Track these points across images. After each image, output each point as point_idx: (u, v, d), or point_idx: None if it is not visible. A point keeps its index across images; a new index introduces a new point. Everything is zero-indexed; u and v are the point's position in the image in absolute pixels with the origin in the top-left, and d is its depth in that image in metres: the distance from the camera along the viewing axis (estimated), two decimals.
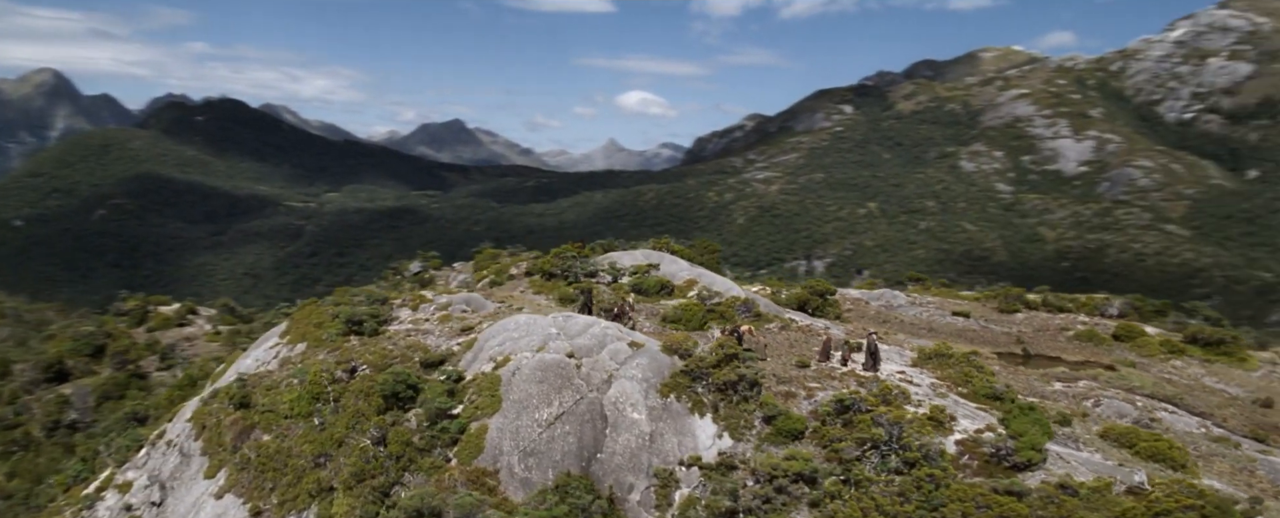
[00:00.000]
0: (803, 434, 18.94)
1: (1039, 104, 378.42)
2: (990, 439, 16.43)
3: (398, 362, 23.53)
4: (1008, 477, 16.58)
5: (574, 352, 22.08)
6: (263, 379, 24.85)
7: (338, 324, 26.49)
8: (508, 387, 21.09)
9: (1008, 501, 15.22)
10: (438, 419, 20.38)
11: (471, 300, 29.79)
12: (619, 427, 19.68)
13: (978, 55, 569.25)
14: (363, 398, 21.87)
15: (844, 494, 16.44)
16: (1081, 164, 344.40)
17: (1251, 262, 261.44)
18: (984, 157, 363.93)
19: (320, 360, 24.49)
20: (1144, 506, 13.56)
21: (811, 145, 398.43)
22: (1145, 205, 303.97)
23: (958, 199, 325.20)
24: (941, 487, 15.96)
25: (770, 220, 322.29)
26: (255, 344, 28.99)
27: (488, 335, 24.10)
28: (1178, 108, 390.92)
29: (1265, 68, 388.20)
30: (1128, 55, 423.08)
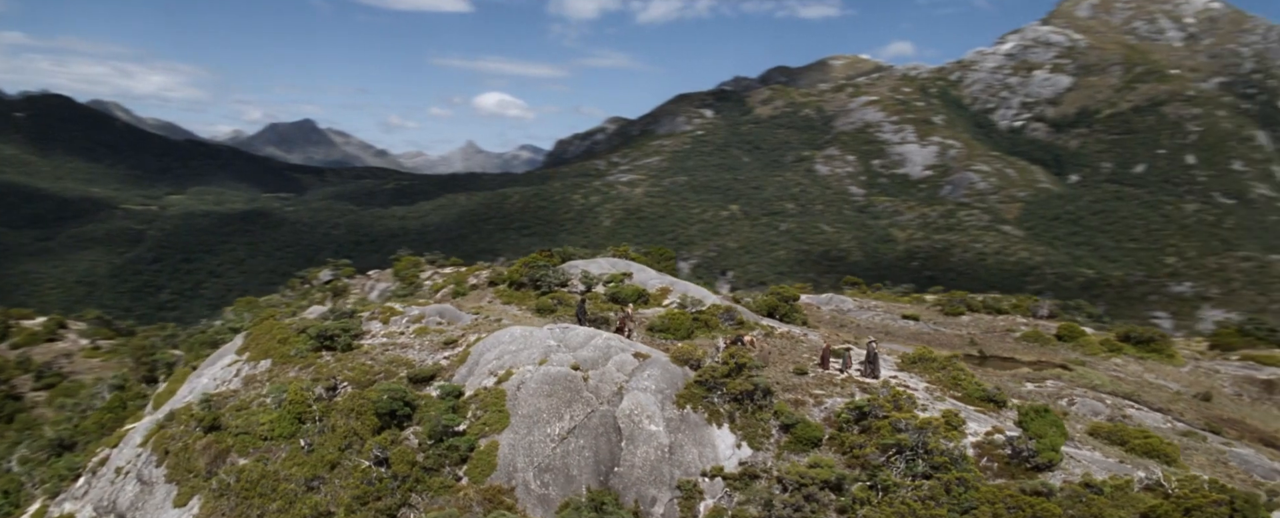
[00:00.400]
0: (820, 442, 19.51)
1: (887, 111, 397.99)
2: (1006, 441, 17.60)
3: (382, 378, 23.12)
4: (1029, 477, 17.45)
5: (579, 364, 21.99)
6: (228, 400, 23.85)
7: (306, 340, 25.77)
8: (514, 402, 20.83)
9: (1037, 501, 15.96)
10: (443, 437, 20.12)
11: (445, 312, 29.34)
12: (636, 439, 19.66)
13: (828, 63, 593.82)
14: (354, 417, 21.33)
15: (872, 500, 16.86)
16: (926, 168, 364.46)
17: (1076, 259, 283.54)
18: (838, 160, 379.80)
19: (295, 378, 23.79)
20: (1172, 503, 14.80)
21: (674, 148, 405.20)
22: (984, 207, 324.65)
23: (815, 201, 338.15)
24: (970, 489, 16.58)
25: (636, 223, 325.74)
26: (207, 363, 27.52)
27: (482, 349, 23.76)
28: (1009, 116, 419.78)
29: (1082, 80, 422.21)
30: (965, 66, 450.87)
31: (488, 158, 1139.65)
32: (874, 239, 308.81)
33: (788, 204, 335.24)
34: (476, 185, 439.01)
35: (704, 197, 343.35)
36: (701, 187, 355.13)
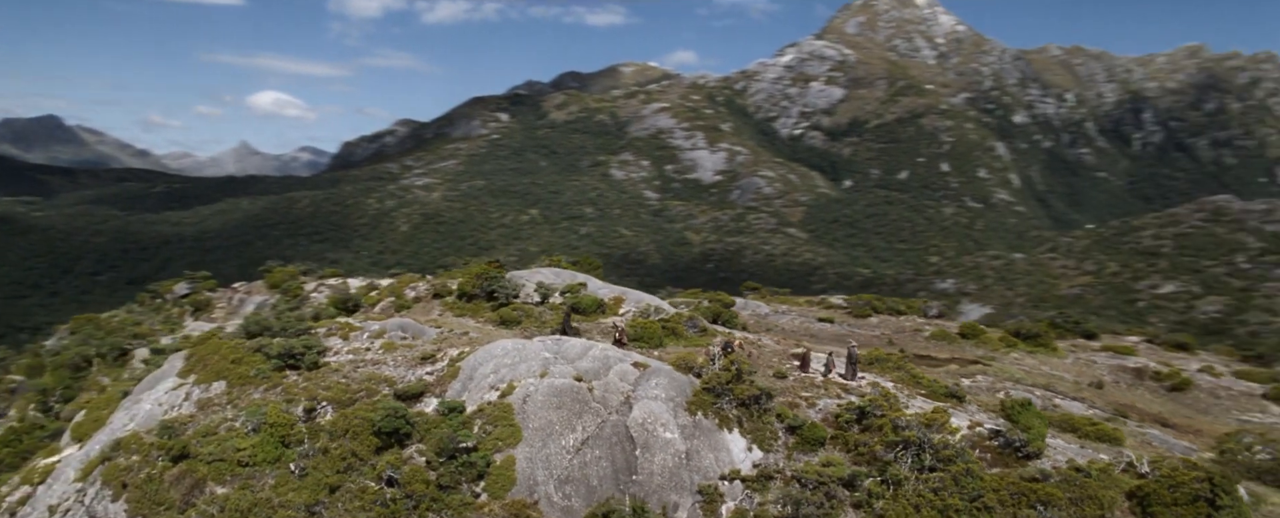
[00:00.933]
0: (825, 441, 20.73)
1: (678, 118, 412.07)
2: (993, 432, 19.95)
3: (363, 396, 22.44)
4: (1021, 465, 19.17)
5: (581, 375, 22.35)
6: (186, 426, 22.37)
7: (264, 360, 24.53)
8: (523, 415, 21.00)
9: (1037, 486, 17.56)
10: (455, 454, 19.90)
11: (407, 327, 28.65)
12: (651, 447, 20.23)
13: (618, 69, 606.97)
14: (350, 437, 20.67)
15: (885, 494, 18.25)
16: (716, 174, 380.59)
17: (854, 259, 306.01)
18: (632, 165, 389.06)
19: (266, 401, 22.66)
20: (1157, 481, 17.40)
21: (470, 152, 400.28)
22: (770, 211, 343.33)
23: (613, 205, 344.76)
24: (976, 479, 18.19)
25: (435, 228, 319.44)
26: (143, 388, 25.23)
27: (474, 363, 23.54)
28: (789, 124, 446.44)
29: (853, 93, 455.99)
30: (749, 76, 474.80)
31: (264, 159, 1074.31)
32: (671, 242, 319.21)
33: (586, 208, 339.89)
34: (258, 189, 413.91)
35: (503, 201, 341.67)
36: (500, 190, 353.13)
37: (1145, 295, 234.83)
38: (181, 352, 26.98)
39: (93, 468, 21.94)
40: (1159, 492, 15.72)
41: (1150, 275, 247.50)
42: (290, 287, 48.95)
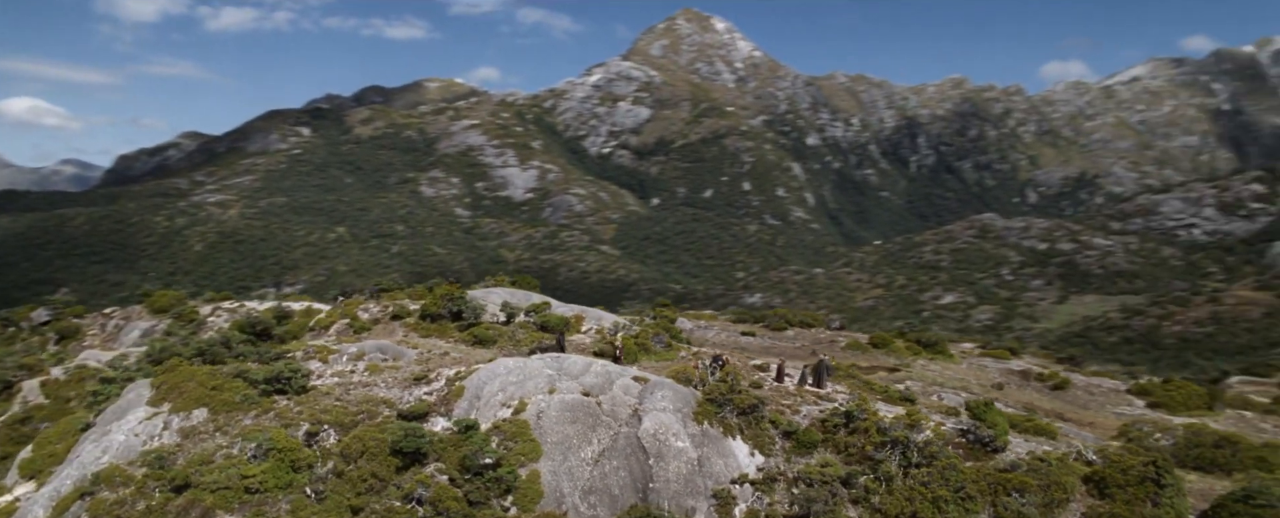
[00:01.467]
0: (817, 444, 22.54)
1: (488, 135, 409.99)
2: (961, 430, 22.54)
3: (365, 419, 22.15)
4: (991, 459, 21.49)
5: (588, 390, 23.38)
6: (174, 456, 21.29)
7: (245, 386, 23.72)
8: (540, 430, 21.77)
9: (1010, 476, 20.05)
10: (481, 471, 20.45)
11: (386, 348, 28.38)
12: (665, 456, 21.47)
13: (424, 84, 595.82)
14: (366, 458, 20.50)
15: (879, 489, 20.27)
16: (528, 191, 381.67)
17: (665, 275, 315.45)
18: (442, 183, 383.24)
19: (259, 425, 21.94)
20: (1107, 465, 20.33)
21: (269, 168, 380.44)
22: (583, 228, 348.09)
23: (424, 223, 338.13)
24: (957, 472, 20.40)
25: (233, 247, 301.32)
26: (108, 419, 23.25)
27: (478, 382, 24.08)
28: (598, 143, 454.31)
29: (659, 113, 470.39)
30: (558, 94, 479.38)
31: (18, 172, 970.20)
32: (485, 260, 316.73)
33: (397, 226, 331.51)
34: (18, 205, 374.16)
35: (307, 218, 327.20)
36: (303, 208, 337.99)
37: (929, 306, 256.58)
38: (142, 380, 25.72)
39: (68, 505, 20.62)
40: (1112, 475, 19.03)
41: (933, 287, 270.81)
42: (183, 311, 46.21)
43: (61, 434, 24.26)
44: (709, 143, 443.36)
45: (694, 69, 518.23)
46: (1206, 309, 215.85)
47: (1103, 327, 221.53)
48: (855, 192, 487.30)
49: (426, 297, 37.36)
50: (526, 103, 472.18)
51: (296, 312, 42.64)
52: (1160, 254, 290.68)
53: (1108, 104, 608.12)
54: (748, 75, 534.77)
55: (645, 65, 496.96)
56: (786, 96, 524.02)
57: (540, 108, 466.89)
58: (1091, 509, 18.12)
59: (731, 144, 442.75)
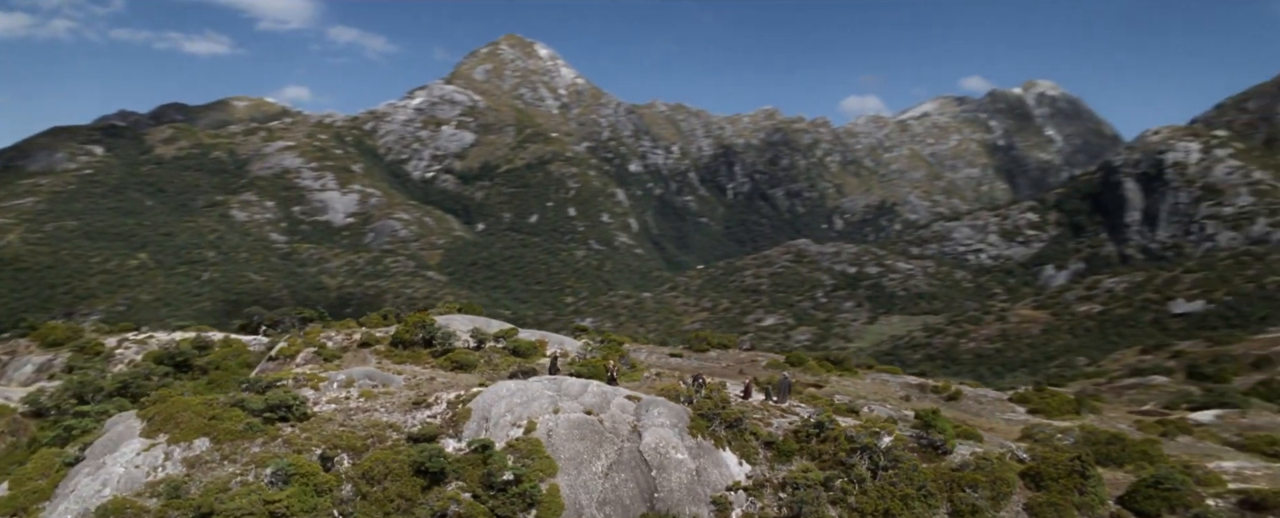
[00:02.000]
0: (795, 453, 24.76)
1: (305, 157, 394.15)
2: (915, 436, 25.40)
3: (374, 443, 22.37)
4: (942, 460, 24.41)
5: (590, 409, 24.86)
6: (186, 486, 20.73)
7: (244, 414, 23.98)
8: (552, 448, 23.00)
9: (963, 474, 23.00)
10: (504, 488, 21.26)
11: (374, 375, 28.63)
12: (666, 468, 23.27)
13: (230, 103, 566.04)
14: (390, 480, 20.77)
15: (854, 491, 22.66)
16: (349, 216, 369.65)
17: (495, 301, 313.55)
18: (256, 206, 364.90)
19: (269, 452, 21.73)
20: (1040, 462, 23.64)
21: (55, 189, 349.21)
22: (408, 254, 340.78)
23: (238, 249, 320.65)
24: (918, 473, 23.07)
25: (15, 275, 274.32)
26: (100, 452, 21.86)
27: (484, 404, 24.80)
28: (422, 167, 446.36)
29: (484, 138, 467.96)
30: (378, 117, 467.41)
31: None
32: (306, 287, 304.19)
33: (207, 252, 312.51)
34: None
35: (103, 244, 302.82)
36: (98, 233, 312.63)
37: (752, 327, 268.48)
38: (125, 413, 24.85)
39: None
40: (1046, 470, 22.64)
41: (755, 310, 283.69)
42: (86, 344, 43.15)
43: (41, 470, 23.35)
44: (534, 168, 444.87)
45: (518, 94, 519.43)
46: (996, 327, 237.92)
47: (908, 345, 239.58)
48: (676, 217, 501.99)
49: (381, 324, 37.53)
50: (346, 125, 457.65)
51: (216, 342, 41.44)
52: (954, 277, 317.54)
53: (903, 137, 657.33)
54: (571, 102, 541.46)
55: (469, 89, 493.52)
56: (609, 124, 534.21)
57: (360, 130, 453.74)
58: (1031, 500, 21.73)
59: (556, 170, 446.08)
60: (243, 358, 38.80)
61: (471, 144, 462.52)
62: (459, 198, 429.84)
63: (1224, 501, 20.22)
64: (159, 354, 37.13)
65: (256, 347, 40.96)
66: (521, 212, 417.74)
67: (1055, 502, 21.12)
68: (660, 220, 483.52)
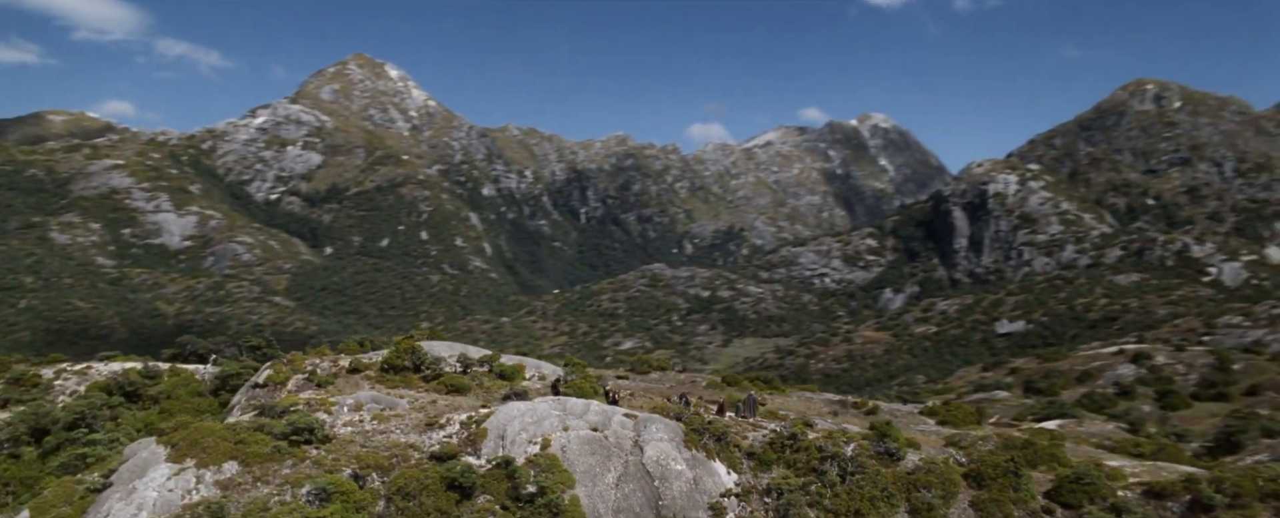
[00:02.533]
0: (773, 462, 27.14)
1: (136, 177, 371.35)
2: (872, 445, 28.10)
3: (400, 462, 23.19)
4: (897, 465, 27.20)
5: (596, 427, 26.66)
6: (224, 507, 20.93)
7: (269, 438, 24.61)
8: (568, 462, 24.73)
9: (917, 476, 25.91)
10: (531, 499, 22.85)
11: (379, 399, 29.51)
12: (667, 478, 25.41)
13: (46, 117, 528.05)
14: (427, 494, 21.64)
15: (828, 494, 25.23)
16: (185, 239, 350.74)
17: (346, 327, 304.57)
18: (79, 228, 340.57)
19: (300, 473, 22.16)
20: (979, 463, 26.88)
21: None
22: (252, 279, 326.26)
23: (59, 274, 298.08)
24: (881, 476, 25.89)
25: None
26: (129, 478, 21.26)
27: (499, 424, 26.35)
28: (265, 189, 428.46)
29: (331, 159, 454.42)
30: (217, 135, 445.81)
31: None
32: (140, 314, 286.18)
33: (24, 277, 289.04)
34: None
35: None
36: None
37: (611, 351, 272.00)
38: (144, 439, 24.68)
39: None
40: (985, 471, 26.07)
41: (613, 333, 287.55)
42: (21, 376, 40.26)
43: (62, 497, 23.10)
44: (385, 191, 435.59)
45: (367, 115, 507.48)
46: (843, 348, 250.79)
47: (762, 366, 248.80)
48: (530, 241, 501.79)
49: (357, 351, 37.73)
50: (181, 143, 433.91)
51: (164, 372, 40.36)
52: (801, 300, 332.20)
53: (749, 165, 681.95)
54: (423, 124, 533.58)
55: (316, 109, 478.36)
56: (462, 147, 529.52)
57: (197, 149, 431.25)
58: (975, 497, 25.24)
59: (408, 193, 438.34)
60: (193, 387, 38.24)
61: (319, 165, 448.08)
62: (306, 220, 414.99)
63: (1131, 492, 24.34)
64: (107, 384, 36.13)
65: (203, 375, 40.36)
66: (372, 235, 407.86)
67: (996, 498, 24.75)
68: (514, 244, 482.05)
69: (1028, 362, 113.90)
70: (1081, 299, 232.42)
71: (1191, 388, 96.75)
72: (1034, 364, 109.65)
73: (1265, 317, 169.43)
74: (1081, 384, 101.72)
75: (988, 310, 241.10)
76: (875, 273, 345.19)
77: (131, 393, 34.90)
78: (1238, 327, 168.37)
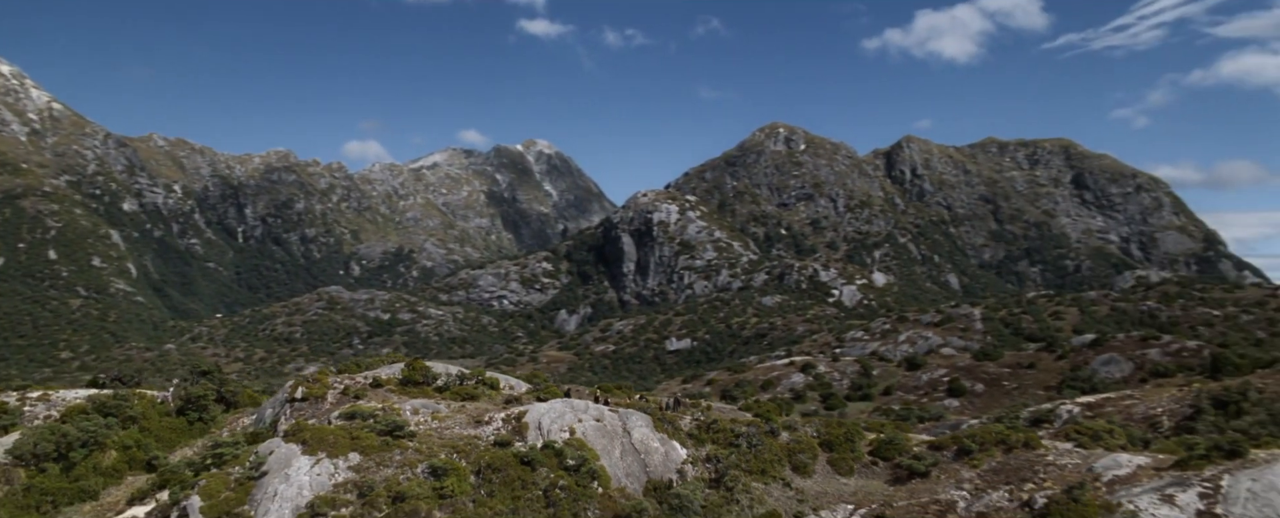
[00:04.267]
0: (705, 440, 35.34)
1: None
2: (765, 426, 37.83)
3: (474, 448, 30.06)
4: (777, 438, 35.23)
5: (598, 418, 34.16)
6: (366, 485, 28.10)
7: (373, 434, 30.30)
8: (590, 443, 32.20)
9: (792, 444, 34.05)
10: (577, 468, 30.05)
11: (427, 405, 35.25)
12: (649, 453, 33.44)
13: None
14: (508, 467, 28.72)
15: (742, 459, 34.09)
16: None
17: None
18: None
19: (408, 457, 29.20)
20: (828, 435, 37.78)
21: None
22: None
23: None
24: (772, 446, 35.77)
25: None
26: (279, 469, 28.21)
27: (535, 418, 33.24)
28: None
29: None
30: None
31: None
32: None
33: None
34: None
35: None
36: None
37: (293, 376, 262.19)
38: (272, 440, 29.23)
39: None
40: (833, 439, 35.91)
41: (294, 358, 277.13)
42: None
43: (222, 485, 27.30)
44: (1, 204, 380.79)
45: None
46: (529, 367, 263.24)
47: None
48: (180, 262, 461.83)
49: (358, 370, 40.76)
50: None
51: (133, 395, 40.63)
52: (481, 322, 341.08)
53: (417, 186, 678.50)
54: (46, 129, 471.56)
55: None
56: (97, 157, 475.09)
57: None
58: (829, 458, 36.93)
59: (31, 206, 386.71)
60: (160, 408, 39.49)
61: None
62: None
63: (920, 448, 37.28)
64: (85, 407, 36.68)
65: (166, 398, 41.39)
66: None
67: (841, 457, 36.54)
68: (162, 265, 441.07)
69: (720, 373, 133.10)
70: (737, 319, 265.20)
71: (846, 391, 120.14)
72: (726, 376, 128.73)
73: (878, 331, 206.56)
74: (765, 391, 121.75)
75: (659, 330, 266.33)
76: (551, 295, 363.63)
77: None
78: (860, 340, 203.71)
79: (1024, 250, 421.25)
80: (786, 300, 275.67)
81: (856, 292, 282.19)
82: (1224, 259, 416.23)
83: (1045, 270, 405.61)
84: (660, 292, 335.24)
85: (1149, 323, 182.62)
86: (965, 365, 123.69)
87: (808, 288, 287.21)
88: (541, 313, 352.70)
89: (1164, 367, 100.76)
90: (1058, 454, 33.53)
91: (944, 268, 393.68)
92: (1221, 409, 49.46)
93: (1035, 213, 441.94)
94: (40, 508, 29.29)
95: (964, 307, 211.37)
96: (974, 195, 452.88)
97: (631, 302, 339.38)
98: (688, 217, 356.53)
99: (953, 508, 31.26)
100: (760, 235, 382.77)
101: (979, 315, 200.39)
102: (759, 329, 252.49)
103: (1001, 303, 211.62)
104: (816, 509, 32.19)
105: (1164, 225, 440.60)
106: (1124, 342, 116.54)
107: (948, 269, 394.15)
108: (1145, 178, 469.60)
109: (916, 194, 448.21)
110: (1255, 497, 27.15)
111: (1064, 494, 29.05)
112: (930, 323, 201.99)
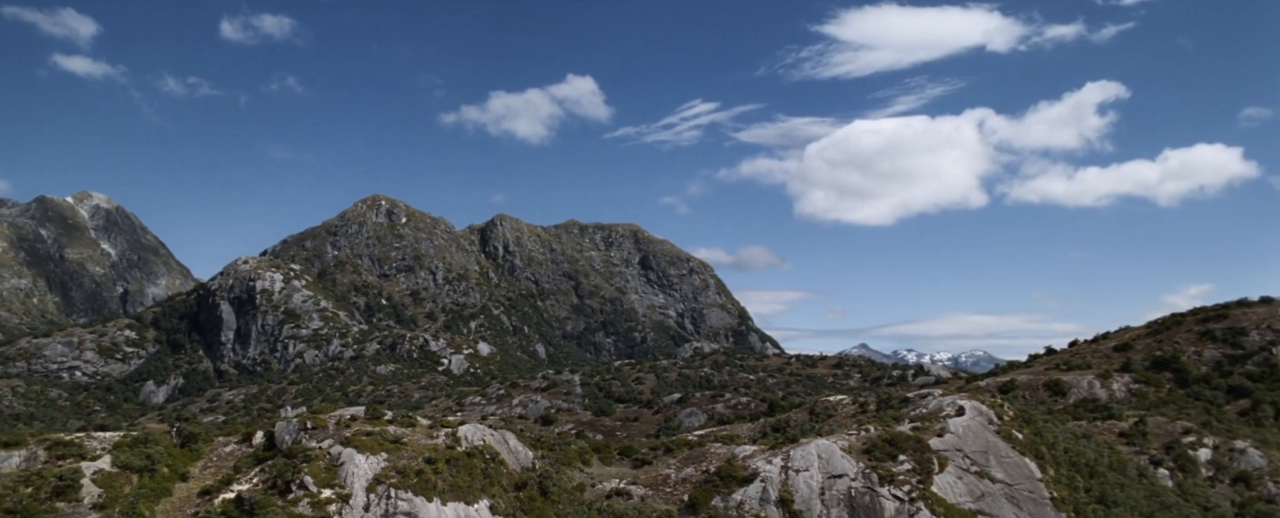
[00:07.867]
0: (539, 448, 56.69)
1: None
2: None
3: (445, 447, 47.26)
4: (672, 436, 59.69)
5: (492, 428, 53.10)
6: (399, 470, 44.57)
7: (388, 443, 46.19)
8: (493, 444, 50.04)
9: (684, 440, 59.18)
10: (491, 459, 48.12)
11: (396, 429, 49.14)
12: (519, 453, 53.22)
13: None
14: (463, 458, 46.58)
15: (564, 452, 56.29)
16: None
17: None
18: None
19: (410, 454, 46.50)
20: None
21: None
22: None
23: None
24: (581, 449, 58.33)
25: None
26: (347, 464, 43.56)
27: (464, 432, 49.97)
28: None
29: None
30: None
31: None
32: None
33: None
34: None
35: None
36: None
37: None
38: (349, 451, 44.57)
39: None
40: (629, 447, 60.84)
41: None
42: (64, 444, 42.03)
43: (318, 470, 43.48)
44: None
45: None
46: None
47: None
48: None
49: (328, 410, 53.98)
50: None
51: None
52: (49, 395, 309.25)
53: None
54: None
55: None
56: None
57: None
58: (599, 457, 61.04)
59: None
60: (170, 443, 50.54)
61: None
62: None
63: (645, 450, 63.05)
64: (134, 442, 47.24)
65: (173, 436, 51.60)
66: None
67: (607, 456, 61.09)
68: None
69: None
70: (352, 387, 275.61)
71: None
72: None
73: (494, 396, 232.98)
74: None
75: (273, 398, 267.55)
76: (134, 365, 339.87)
77: (157, 444, 47.64)
78: (478, 403, 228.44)
79: (600, 323, 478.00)
80: (400, 369, 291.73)
81: (464, 360, 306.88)
82: (752, 333, 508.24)
83: (618, 341, 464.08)
84: (262, 361, 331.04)
85: (707, 385, 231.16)
86: (587, 421, 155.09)
87: (418, 357, 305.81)
88: (123, 384, 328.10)
89: (726, 416, 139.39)
90: (716, 448, 62.09)
91: (533, 338, 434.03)
92: (780, 431, 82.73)
93: (610, 290, 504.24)
94: (146, 498, 43.89)
95: (566, 373, 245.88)
96: (558, 272, 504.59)
97: (230, 371, 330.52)
98: (293, 285, 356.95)
99: (667, 478, 57.94)
100: (361, 305, 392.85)
101: (578, 381, 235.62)
102: (376, 397, 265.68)
103: (595, 370, 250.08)
104: (598, 481, 57.04)
105: (710, 303, 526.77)
106: (700, 399, 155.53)
107: (536, 339, 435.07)
108: (697, 262, 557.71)
109: (508, 269, 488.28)
110: (804, 457, 57.36)
111: (725, 465, 57.13)
112: (538, 388, 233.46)
